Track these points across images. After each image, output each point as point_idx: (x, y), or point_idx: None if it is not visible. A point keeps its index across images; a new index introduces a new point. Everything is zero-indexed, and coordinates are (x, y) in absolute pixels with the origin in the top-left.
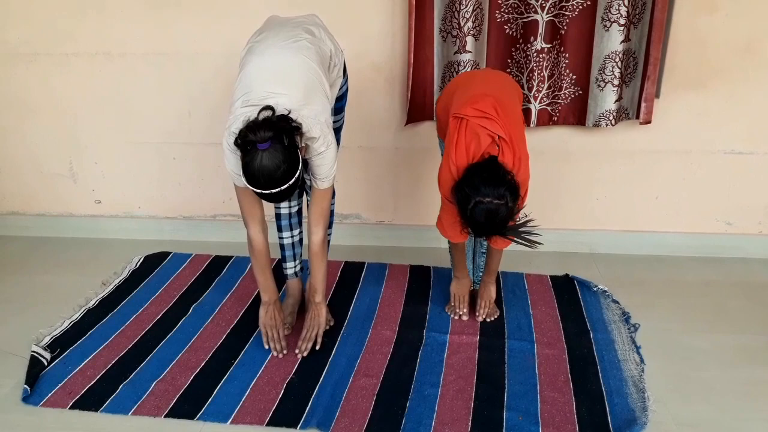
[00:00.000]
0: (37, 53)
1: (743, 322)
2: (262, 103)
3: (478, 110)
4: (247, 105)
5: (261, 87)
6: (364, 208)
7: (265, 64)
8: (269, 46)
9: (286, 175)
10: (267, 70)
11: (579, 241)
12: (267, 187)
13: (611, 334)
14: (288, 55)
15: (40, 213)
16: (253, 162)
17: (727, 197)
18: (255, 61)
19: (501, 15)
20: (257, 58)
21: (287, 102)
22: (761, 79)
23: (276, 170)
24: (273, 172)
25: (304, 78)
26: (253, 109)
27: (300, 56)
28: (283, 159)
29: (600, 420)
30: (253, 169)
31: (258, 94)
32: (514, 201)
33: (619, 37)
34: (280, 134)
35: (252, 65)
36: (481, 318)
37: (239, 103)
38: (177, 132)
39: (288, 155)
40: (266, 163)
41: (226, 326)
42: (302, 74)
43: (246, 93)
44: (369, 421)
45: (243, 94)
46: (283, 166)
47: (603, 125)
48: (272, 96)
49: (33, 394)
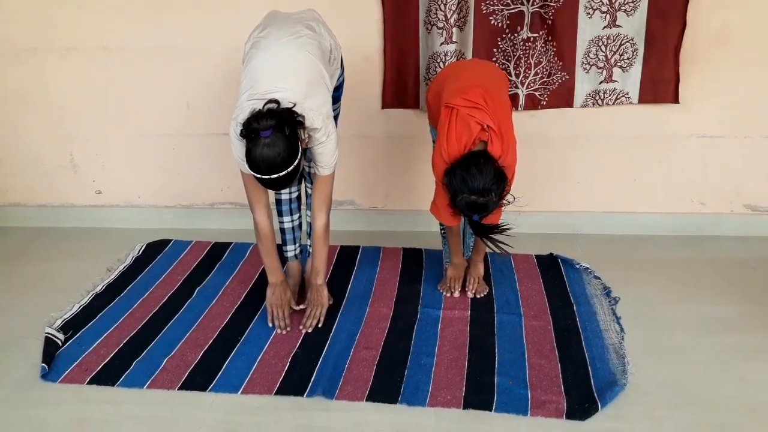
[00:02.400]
0: (36, 48)
1: (716, 295)
2: (267, 97)
3: (467, 100)
4: (253, 98)
5: (266, 81)
6: (357, 195)
7: (269, 59)
8: (273, 42)
9: (286, 162)
10: (271, 65)
11: (562, 222)
12: (267, 172)
13: (593, 307)
14: (291, 51)
15: (42, 204)
16: (255, 148)
17: (701, 179)
18: (260, 56)
19: (486, 7)
20: (262, 53)
21: (291, 95)
22: (730, 67)
23: (276, 157)
24: (273, 158)
25: (307, 72)
26: (258, 102)
27: (302, 51)
28: (284, 147)
29: (584, 382)
30: (254, 155)
31: (263, 87)
32: (500, 195)
33: (602, 23)
34: (282, 124)
35: (257, 60)
36: (471, 294)
37: (245, 96)
38: (175, 124)
39: (288, 144)
40: (267, 151)
41: (231, 307)
42: (305, 68)
43: (252, 86)
44: (371, 387)
45: (249, 87)
46: (283, 153)
47: (590, 105)
48: (277, 90)
49: (51, 371)
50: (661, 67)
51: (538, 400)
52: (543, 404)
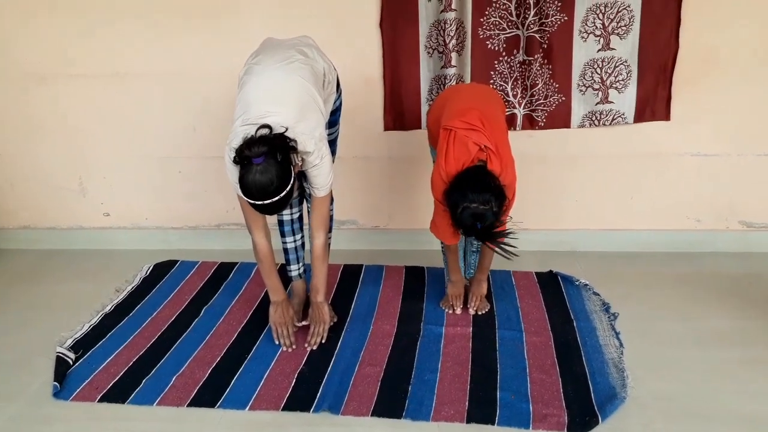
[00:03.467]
0: (47, 74)
1: (713, 310)
2: (260, 122)
3: (465, 122)
4: (246, 123)
5: (258, 106)
6: (360, 215)
7: (261, 84)
8: (265, 68)
9: (278, 188)
10: (264, 90)
11: (561, 240)
12: (260, 198)
13: (593, 323)
14: (283, 76)
15: (51, 227)
16: (248, 175)
17: (696, 196)
18: (253, 82)
19: (483, 32)
20: (255, 79)
21: (283, 120)
22: (720, 86)
23: (269, 184)
24: (266, 185)
25: (299, 96)
26: (251, 127)
27: (294, 76)
28: (276, 173)
29: (584, 396)
30: (247, 182)
31: (256, 112)
32: (499, 206)
33: (596, 46)
34: (274, 150)
35: (250, 85)
36: (473, 311)
37: (239, 122)
38: (182, 146)
39: (280, 170)
40: (259, 177)
41: (237, 325)
42: (296, 93)
43: (245, 112)
44: (375, 403)
45: (242, 112)
46: (275, 180)
47: (587, 126)
48: (269, 114)
49: (62, 390)
50: (654, 87)
51: (540, 413)
52: (544, 418)
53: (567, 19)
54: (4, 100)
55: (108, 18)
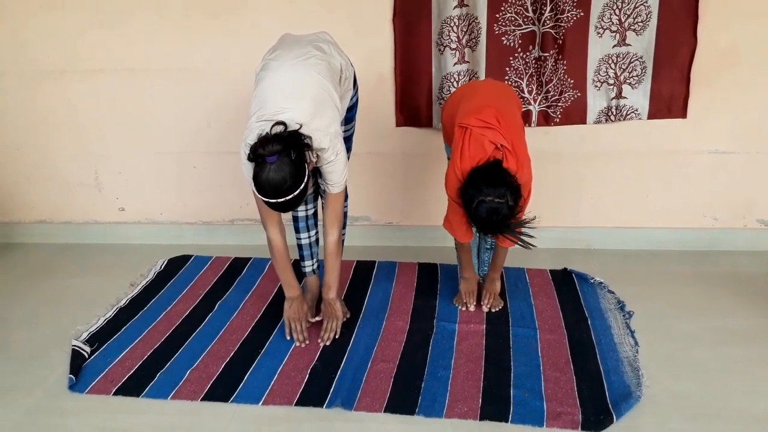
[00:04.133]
0: (63, 70)
1: (729, 309)
2: (275, 118)
3: (481, 120)
4: (261, 120)
5: (274, 102)
6: (373, 211)
7: (278, 80)
8: (282, 63)
9: (292, 186)
10: (280, 86)
11: (576, 238)
12: (274, 196)
13: (608, 321)
14: (299, 71)
15: (67, 221)
16: (262, 173)
17: (713, 194)
18: (269, 78)
19: (498, 28)
20: (271, 75)
21: (298, 116)
22: (739, 83)
23: (282, 182)
24: (279, 183)
25: (315, 92)
26: (266, 123)
27: (310, 72)
28: (290, 171)
29: (599, 395)
30: (261, 180)
31: (271, 108)
32: (515, 200)
33: (612, 41)
34: (288, 148)
35: (266, 81)
36: (486, 309)
37: (254, 118)
38: (197, 142)
39: (294, 168)
40: (273, 176)
41: (251, 320)
42: (312, 89)
43: (260, 108)
44: (388, 399)
45: (258, 108)
46: (289, 178)
47: (603, 121)
48: (284, 111)
49: (78, 382)
50: (670, 84)
51: (554, 411)
52: (558, 416)
53: (583, 15)
54: (21, 95)
55: (122, 14)
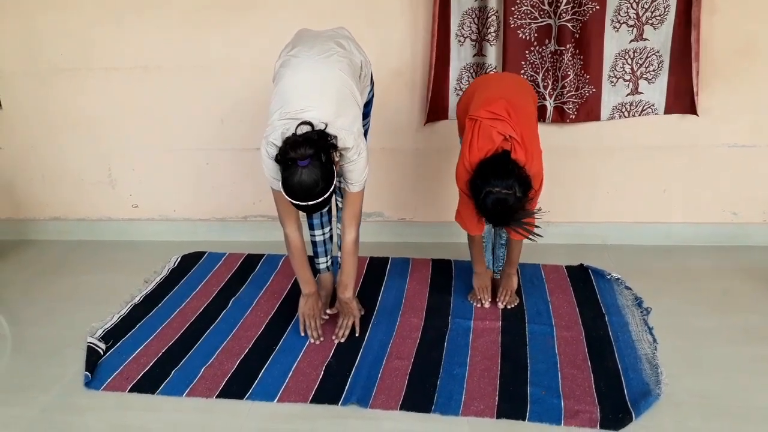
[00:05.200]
0: (77, 68)
1: (749, 305)
2: (298, 116)
3: (490, 112)
4: (284, 118)
5: (297, 100)
6: (386, 207)
7: (300, 77)
8: (303, 60)
9: (323, 189)
10: (302, 84)
11: (592, 233)
12: (304, 199)
13: (625, 317)
14: (322, 69)
15: (81, 218)
16: (293, 177)
17: (732, 189)
18: (290, 75)
19: (515, 21)
20: (293, 72)
21: (322, 115)
22: (758, 77)
23: (314, 186)
24: (311, 187)
25: (337, 90)
26: (290, 122)
27: (333, 69)
28: (321, 175)
29: (617, 392)
30: (292, 183)
31: (294, 106)
32: (523, 192)
33: (629, 36)
34: (319, 152)
35: (288, 78)
36: (501, 305)
37: (277, 116)
38: (210, 139)
39: (325, 172)
40: (305, 179)
41: (265, 317)
42: (335, 87)
43: (283, 106)
44: (404, 397)
45: (280, 106)
46: (321, 182)
47: (617, 117)
48: (308, 109)
49: (94, 379)
50: (689, 78)
51: (572, 409)
52: (576, 414)
53: (599, 9)
54: (35, 94)
55: (135, 11)
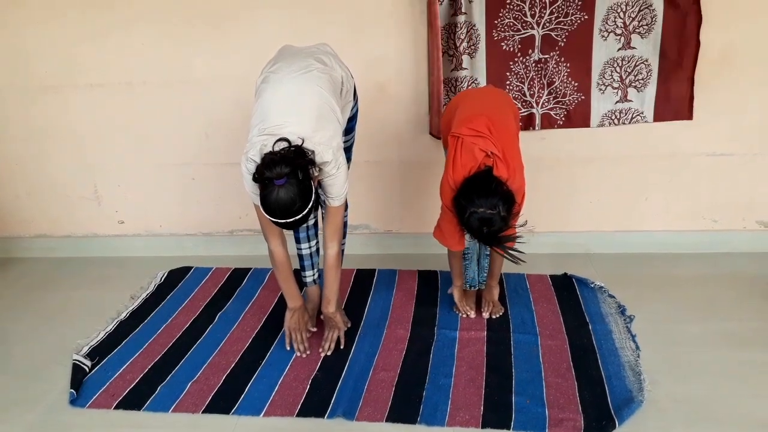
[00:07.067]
0: (62, 85)
1: (731, 311)
2: (276, 132)
3: (472, 129)
4: (263, 134)
5: (275, 116)
6: (372, 219)
7: (279, 93)
8: (283, 77)
9: (301, 207)
10: (281, 99)
11: (575, 242)
12: (282, 217)
13: (608, 325)
14: (300, 84)
15: (66, 235)
16: (270, 195)
17: (712, 196)
18: (270, 91)
19: (497, 33)
20: (272, 88)
21: (300, 130)
22: (737, 86)
23: (292, 204)
24: (289, 205)
25: (316, 105)
26: (268, 138)
27: (312, 85)
28: (298, 193)
29: (600, 400)
30: (270, 201)
31: (272, 122)
32: (507, 210)
33: (616, 45)
34: (296, 170)
35: (267, 95)
36: (486, 316)
37: (256, 131)
38: (195, 154)
39: (302, 189)
40: (282, 197)
41: (251, 331)
42: (314, 102)
43: (262, 121)
44: (390, 408)
45: (259, 122)
46: (298, 199)
47: (606, 125)
48: (286, 124)
49: (79, 397)
50: (677, 86)
51: (556, 418)
52: (560, 422)
53: (587, 18)
54: (20, 109)
55: (120, 27)
